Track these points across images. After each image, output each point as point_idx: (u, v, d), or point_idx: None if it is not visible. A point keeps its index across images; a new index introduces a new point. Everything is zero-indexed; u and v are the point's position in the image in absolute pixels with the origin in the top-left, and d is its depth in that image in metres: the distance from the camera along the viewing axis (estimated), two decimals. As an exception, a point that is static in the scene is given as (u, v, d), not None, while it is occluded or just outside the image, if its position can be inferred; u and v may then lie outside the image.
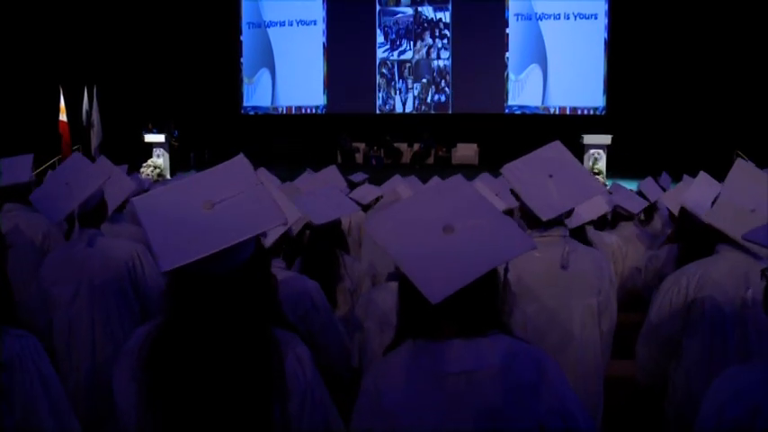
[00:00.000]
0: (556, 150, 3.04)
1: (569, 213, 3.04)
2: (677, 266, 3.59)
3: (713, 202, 3.06)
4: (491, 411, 1.65)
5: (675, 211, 5.03)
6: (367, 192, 7.33)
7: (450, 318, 1.71)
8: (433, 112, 23.62)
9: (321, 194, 4.14)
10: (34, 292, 3.46)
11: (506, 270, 1.77)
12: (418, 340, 1.74)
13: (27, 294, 3.58)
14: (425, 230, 1.72)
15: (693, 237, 3.68)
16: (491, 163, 19.83)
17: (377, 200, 7.26)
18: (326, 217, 3.85)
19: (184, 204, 1.72)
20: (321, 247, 3.91)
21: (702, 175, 3.97)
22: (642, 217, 6.42)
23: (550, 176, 2.90)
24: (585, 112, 22.75)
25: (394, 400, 1.71)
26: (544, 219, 2.84)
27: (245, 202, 1.74)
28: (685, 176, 6.58)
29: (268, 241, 2.87)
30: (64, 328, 3.36)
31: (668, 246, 4.26)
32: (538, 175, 2.92)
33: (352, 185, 9.13)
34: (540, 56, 22.89)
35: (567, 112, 22.82)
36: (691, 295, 3.00)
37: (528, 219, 2.97)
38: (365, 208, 6.74)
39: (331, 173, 6.84)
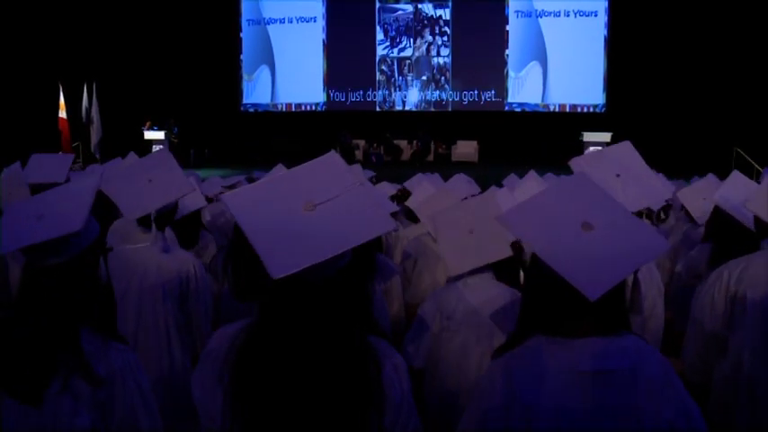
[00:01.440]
0: (626, 150, 3.04)
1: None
2: (711, 265, 3.59)
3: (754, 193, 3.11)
4: (629, 410, 1.66)
5: (692, 210, 5.08)
6: (386, 189, 7.28)
7: (587, 315, 1.71)
8: (432, 109, 23.67)
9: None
10: None
11: (636, 270, 1.75)
12: (550, 337, 1.74)
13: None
14: (565, 227, 1.72)
15: (727, 235, 3.68)
16: (491, 160, 19.88)
17: (392, 197, 7.20)
18: None
19: (282, 205, 1.65)
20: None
21: (735, 173, 3.99)
22: (662, 215, 6.38)
23: (618, 176, 2.88)
24: (585, 109, 22.82)
25: (533, 396, 1.70)
26: None
27: (349, 205, 1.67)
28: (710, 176, 6.54)
29: None
30: None
31: (702, 245, 4.26)
32: (605, 172, 2.89)
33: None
34: (540, 53, 22.94)
35: (567, 110, 22.88)
36: (732, 289, 2.98)
37: None
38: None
39: (356, 171, 6.70)
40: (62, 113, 18.80)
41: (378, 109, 23.98)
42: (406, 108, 23.81)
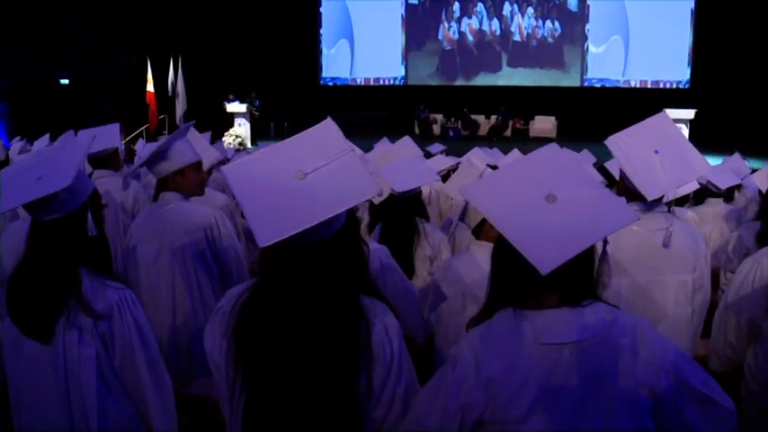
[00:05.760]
0: (662, 122, 2.92)
1: None
2: (759, 245, 3.55)
3: None
4: (595, 379, 1.64)
5: (765, 189, 4.99)
6: (440, 162, 7.36)
7: (551, 287, 1.68)
8: (511, 84, 23.39)
9: (403, 163, 4.19)
10: (124, 249, 3.66)
11: (605, 242, 1.72)
12: (518, 309, 1.71)
13: (119, 253, 3.77)
14: (528, 199, 1.69)
15: None
16: (569, 136, 19.61)
17: (450, 171, 7.27)
18: (407, 185, 3.90)
19: (275, 174, 1.69)
20: (402, 214, 3.98)
21: None
22: (737, 192, 6.24)
23: (656, 152, 2.77)
24: (668, 85, 22.20)
25: (496, 369, 1.67)
26: (649, 198, 2.75)
27: (337, 172, 1.69)
28: None
29: None
30: (147, 285, 3.52)
31: (749, 223, 4.19)
32: (644, 150, 2.79)
33: (430, 156, 9.15)
34: (621, 27, 22.37)
35: (649, 86, 22.31)
36: None
37: (628, 192, 2.84)
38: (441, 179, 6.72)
39: (406, 144, 6.84)
40: (150, 87, 19.45)
41: (455, 83, 23.90)
42: (485, 83, 23.63)
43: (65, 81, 19.55)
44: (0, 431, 2.69)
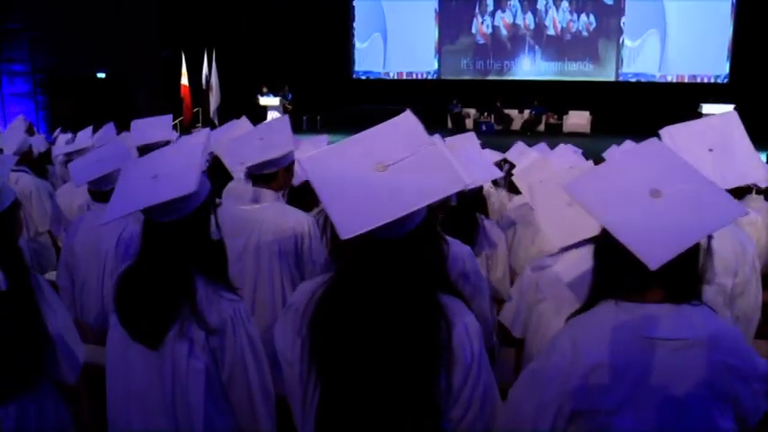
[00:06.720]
0: (727, 122, 2.82)
1: None
2: None
3: None
4: (695, 381, 1.64)
5: None
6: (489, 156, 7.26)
7: (657, 283, 1.67)
8: (544, 78, 23.20)
9: (465, 159, 4.09)
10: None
11: (710, 238, 1.71)
12: (621, 302, 1.71)
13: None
14: (632, 195, 1.68)
15: None
16: (604, 131, 19.38)
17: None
18: (473, 182, 3.76)
19: (355, 166, 1.66)
20: (463, 210, 3.82)
21: None
22: None
23: (710, 150, 2.68)
24: (706, 79, 21.80)
25: (596, 358, 1.67)
26: None
27: (420, 165, 1.67)
28: None
29: None
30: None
31: None
32: (696, 146, 2.70)
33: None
34: (658, 20, 22.02)
35: (686, 80, 21.93)
36: None
37: None
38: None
39: (469, 140, 6.69)
40: (184, 80, 19.63)
41: (489, 78, 23.75)
42: (518, 77, 23.46)
43: (101, 75, 19.78)
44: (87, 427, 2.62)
